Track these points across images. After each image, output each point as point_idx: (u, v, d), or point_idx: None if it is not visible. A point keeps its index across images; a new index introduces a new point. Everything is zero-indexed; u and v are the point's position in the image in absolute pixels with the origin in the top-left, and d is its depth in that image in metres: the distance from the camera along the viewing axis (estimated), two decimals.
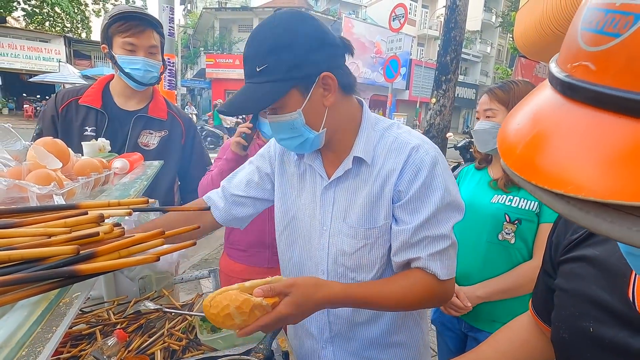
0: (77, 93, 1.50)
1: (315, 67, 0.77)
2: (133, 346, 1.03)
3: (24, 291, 0.26)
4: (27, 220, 0.33)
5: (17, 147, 0.80)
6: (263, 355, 0.93)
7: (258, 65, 0.76)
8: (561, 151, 0.25)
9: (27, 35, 20.10)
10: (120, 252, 0.32)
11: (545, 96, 0.30)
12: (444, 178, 0.85)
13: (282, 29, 0.76)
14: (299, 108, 0.80)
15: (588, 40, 0.26)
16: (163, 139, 1.59)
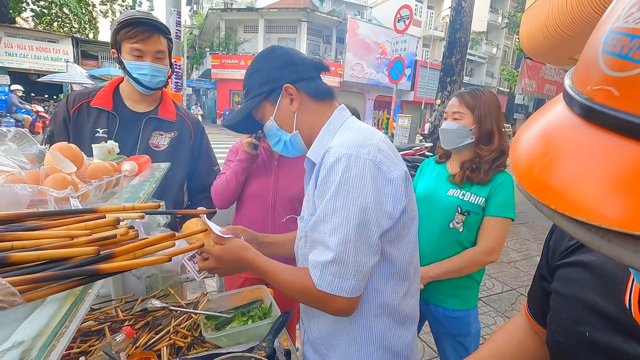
0: (88, 95, 1.53)
1: (276, 82, 0.97)
2: (140, 342, 1.07)
3: (53, 287, 0.29)
4: (52, 223, 0.37)
5: (33, 151, 0.83)
6: (265, 352, 0.96)
7: (244, 88, 1.03)
8: (583, 177, 0.24)
9: (35, 36, 20.33)
10: (135, 252, 0.35)
11: (561, 115, 0.29)
12: (339, 183, 0.83)
13: (255, 60, 1.02)
14: (271, 115, 1.00)
15: (612, 65, 0.25)
16: (173, 140, 1.62)
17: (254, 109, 1.00)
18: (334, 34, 24.87)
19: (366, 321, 0.94)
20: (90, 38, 23.88)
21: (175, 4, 2.75)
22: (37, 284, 0.28)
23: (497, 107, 1.50)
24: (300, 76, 0.98)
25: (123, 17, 1.45)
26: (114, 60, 1.51)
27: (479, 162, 1.48)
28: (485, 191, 1.47)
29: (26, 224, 0.37)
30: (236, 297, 1.42)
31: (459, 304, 1.57)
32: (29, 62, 19.74)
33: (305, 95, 0.98)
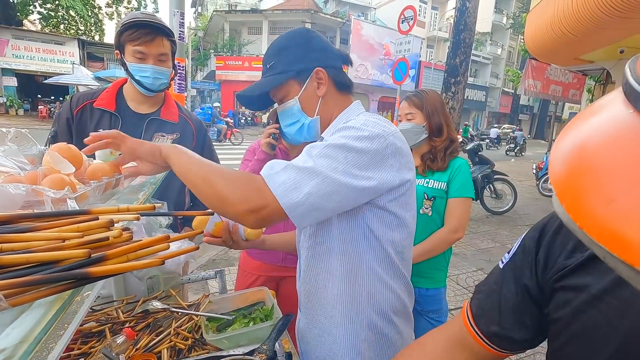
0: (92, 96, 1.54)
1: (309, 63, 0.96)
2: (141, 344, 1.06)
3: (40, 291, 0.28)
4: (43, 225, 0.36)
5: (33, 152, 0.83)
6: (266, 355, 0.95)
7: (268, 63, 0.99)
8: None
9: (42, 38, 20.55)
10: (128, 255, 0.34)
11: (624, 123, 0.22)
12: (348, 136, 0.81)
13: (286, 37, 1.00)
14: (297, 96, 0.97)
15: None
16: (175, 141, 1.62)
17: (277, 86, 0.97)
18: (338, 35, 24.88)
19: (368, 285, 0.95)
20: (96, 40, 24.08)
21: (179, 5, 2.76)
22: (24, 287, 0.27)
23: (441, 103, 1.73)
24: (331, 63, 0.99)
25: (126, 19, 1.45)
26: (118, 61, 1.51)
27: (435, 152, 1.69)
28: (445, 176, 1.67)
29: (18, 226, 0.37)
30: (238, 299, 1.41)
31: (432, 283, 1.74)
32: (36, 64, 19.95)
33: (332, 83, 0.99)
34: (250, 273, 1.82)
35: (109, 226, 0.37)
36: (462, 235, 1.67)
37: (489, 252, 4.71)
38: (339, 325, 0.98)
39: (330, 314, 0.99)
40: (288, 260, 1.77)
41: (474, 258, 4.55)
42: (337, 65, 1.01)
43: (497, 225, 6.06)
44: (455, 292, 3.62)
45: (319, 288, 1.01)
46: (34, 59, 19.95)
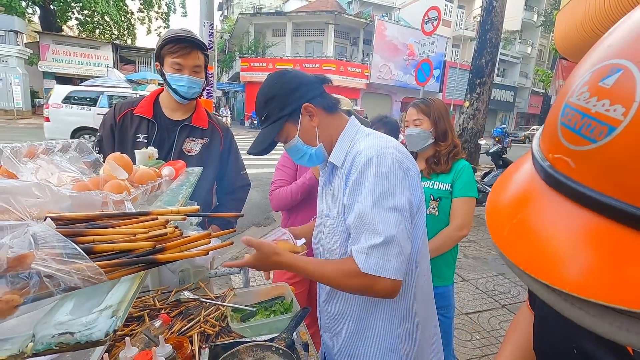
0: (132, 104, 1.71)
1: (295, 103, 1.06)
2: (175, 329, 1.19)
3: (125, 270, 0.39)
4: (119, 222, 0.47)
5: (90, 159, 0.97)
6: (285, 342, 1.06)
7: (261, 115, 1.10)
8: (546, 241, 0.26)
9: (79, 43, 21.71)
10: (181, 247, 0.45)
11: (529, 176, 0.31)
12: (374, 177, 0.95)
13: (267, 89, 1.08)
14: (296, 135, 1.08)
15: (567, 138, 0.27)
16: (204, 145, 1.77)
17: (277, 134, 1.08)
18: (361, 36, 24.83)
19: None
20: (128, 44, 25.14)
21: (209, 16, 2.93)
22: (115, 267, 0.38)
23: (446, 110, 1.84)
24: (314, 94, 1.08)
25: (167, 35, 1.61)
26: (157, 72, 1.67)
27: (439, 156, 1.79)
28: (450, 178, 1.76)
29: (100, 223, 0.48)
30: (260, 293, 1.52)
31: (441, 281, 1.81)
32: (74, 68, 21.09)
33: (321, 110, 1.09)
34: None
35: (165, 224, 0.48)
36: (467, 233, 1.75)
37: None
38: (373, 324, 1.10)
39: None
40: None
41: (495, 263, 4.50)
42: (318, 93, 1.10)
43: None
44: (474, 295, 3.60)
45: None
46: (72, 62, 21.11)
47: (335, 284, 1.02)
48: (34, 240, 0.35)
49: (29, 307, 0.32)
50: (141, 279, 0.39)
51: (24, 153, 0.72)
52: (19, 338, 0.28)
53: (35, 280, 0.33)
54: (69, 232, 0.39)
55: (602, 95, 0.25)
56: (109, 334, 0.31)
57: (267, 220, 5.78)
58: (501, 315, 3.23)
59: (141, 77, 19.68)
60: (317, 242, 1.25)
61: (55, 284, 0.34)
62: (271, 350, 1.04)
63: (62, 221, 0.42)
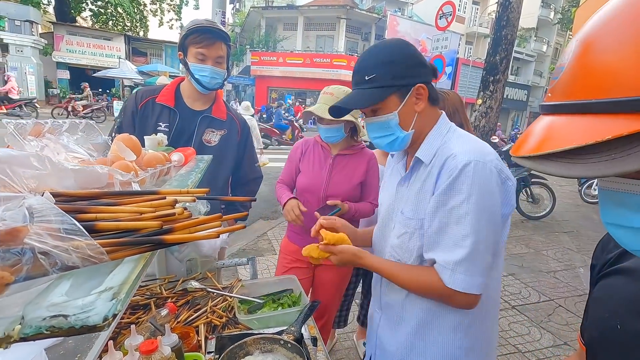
0: (154, 92, 1.70)
1: (412, 79, 0.97)
2: (181, 318, 1.17)
3: (129, 250, 0.36)
4: (124, 201, 0.44)
5: (99, 141, 0.94)
6: (294, 336, 1.02)
7: (367, 74, 0.97)
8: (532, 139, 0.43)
9: (93, 34, 21.89)
10: (190, 229, 0.41)
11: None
12: (470, 185, 0.88)
13: (389, 49, 0.98)
14: (396, 110, 0.98)
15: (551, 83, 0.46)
16: (223, 137, 1.76)
17: (380, 101, 0.97)
18: (373, 31, 24.58)
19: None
20: (140, 36, 25.27)
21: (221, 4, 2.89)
22: (118, 247, 0.35)
23: (461, 103, 1.78)
24: (428, 78, 1.01)
25: (192, 25, 1.59)
26: (180, 61, 1.65)
27: None
28: None
29: (104, 201, 0.45)
30: (268, 285, 1.50)
31: None
32: (87, 59, 21.30)
33: (427, 98, 1.00)
34: (289, 256, 1.95)
35: (173, 205, 0.44)
36: None
37: (521, 258, 4.55)
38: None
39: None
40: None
41: (505, 263, 4.41)
42: (430, 80, 1.02)
43: (532, 231, 5.82)
44: None
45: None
46: (85, 53, 21.31)
47: (414, 291, 1.00)
48: (29, 214, 0.32)
49: (21, 286, 0.29)
50: (146, 260, 0.36)
51: (28, 131, 0.69)
52: (5, 320, 0.24)
53: (28, 257, 0.30)
54: (69, 209, 0.36)
55: (565, 54, 0.44)
56: (108, 319, 0.27)
57: (275, 213, 5.77)
58: (511, 317, 3.17)
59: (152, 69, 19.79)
60: (382, 237, 1.17)
61: (51, 262, 0.30)
62: (279, 344, 1.01)
63: (62, 197, 0.39)
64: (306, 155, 1.89)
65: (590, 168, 0.37)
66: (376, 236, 1.21)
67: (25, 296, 0.28)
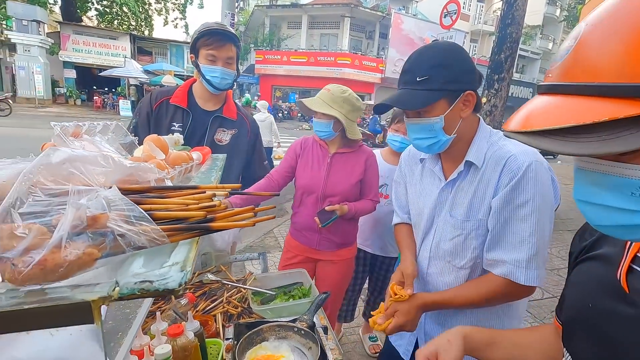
0: (168, 93, 1.77)
1: (463, 85, 0.99)
2: (199, 308, 1.24)
3: (183, 235, 0.42)
4: (170, 194, 0.50)
5: (126, 141, 1.01)
6: (307, 324, 1.09)
7: (419, 76, 0.97)
8: (528, 114, 0.47)
9: (98, 33, 22.04)
10: (228, 218, 0.48)
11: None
12: (534, 185, 0.94)
13: (444, 53, 0.99)
14: (443, 114, 0.99)
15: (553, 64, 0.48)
16: (234, 136, 1.82)
17: (432, 104, 0.98)
18: (377, 30, 24.55)
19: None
20: (145, 35, 25.41)
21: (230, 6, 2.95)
22: (174, 232, 0.42)
23: None
24: (477, 85, 1.03)
25: (202, 28, 1.66)
26: (192, 63, 1.72)
27: None
28: None
29: (153, 194, 0.51)
30: (279, 278, 1.57)
31: None
32: (93, 58, 21.45)
33: (473, 105, 1.03)
34: (292, 252, 2.01)
35: (212, 198, 0.51)
36: None
37: None
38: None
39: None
40: (322, 244, 1.91)
41: None
42: (477, 87, 1.04)
43: None
44: None
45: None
46: (91, 52, 21.46)
47: (482, 305, 1.05)
48: (106, 203, 0.39)
49: (105, 261, 0.36)
50: (197, 243, 0.42)
51: (70, 132, 0.76)
52: (105, 284, 0.31)
53: (110, 238, 0.37)
54: (131, 200, 0.43)
55: (572, 37, 0.45)
56: (182, 285, 0.34)
57: (280, 212, 5.84)
58: None
59: (157, 68, 19.93)
60: (428, 243, 1.18)
61: (126, 242, 0.37)
62: (293, 331, 1.08)
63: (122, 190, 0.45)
64: (304, 154, 1.93)
65: (582, 147, 0.40)
66: (424, 246, 1.20)
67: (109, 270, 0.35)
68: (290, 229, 2.07)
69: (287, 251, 2.05)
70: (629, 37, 0.39)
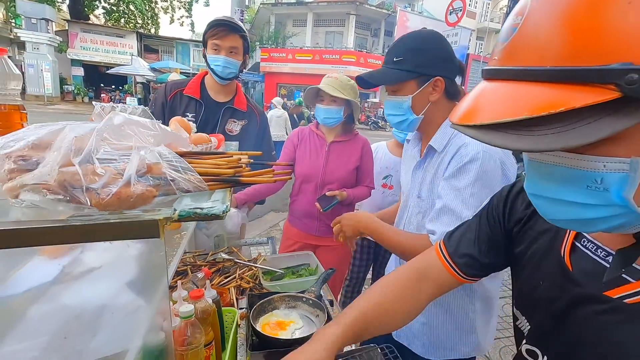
0: (181, 85, 1.87)
1: (434, 70, 1.08)
2: (214, 282, 1.34)
3: (218, 185, 0.51)
4: (204, 157, 0.60)
5: None
6: (314, 295, 1.18)
7: (396, 56, 1.09)
8: (475, 106, 0.43)
9: (106, 31, 22.29)
10: (250, 177, 0.57)
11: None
12: (475, 173, 1.01)
13: (421, 40, 1.10)
14: (411, 95, 1.10)
15: (498, 46, 0.44)
16: (244, 127, 1.92)
17: (401, 82, 1.09)
18: (382, 27, 24.54)
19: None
20: (152, 33, 25.62)
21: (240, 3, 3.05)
22: (212, 182, 0.51)
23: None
24: (451, 74, 1.12)
25: (210, 21, 1.74)
26: (203, 57, 1.81)
27: None
28: None
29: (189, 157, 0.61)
30: (287, 260, 1.66)
31: None
32: (100, 56, 21.72)
33: (444, 91, 1.11)
34: (291, 239, 2.09)
35: (238, 161, 0.60)
36: None
37: None
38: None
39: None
40: (321, 231, 2.00)
41: None
42: (453, 77, 1.12)
43: None
44: None
45: None
46: (98, 50, 21.73)
47: (401, 255, 1.16)
48: (159, 156, 0.48)
49: (161, 199, 0.45)
50: (230, 192, 0.51)
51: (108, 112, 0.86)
52: (168, 209, 0.40)
53: (164, 182, 0.46)
54: None
55: (517, 13, 0.41)
56: (225, 212, 0.43)
57: (285, 206, 5.93)
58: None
59: (164, 66, 20.11)
60: (400, 219, 1.31)
61: (177, 186, 0.46)
62: (302, 301, 1.17)
63: None
64: (302, 144, 2.00)
65: (538, 141, 0.35)
66: (398, 219, 1.34)
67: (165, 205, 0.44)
68: (289, 217, 2.14)
69: (287, 239, 2.12)
70: (582, 11, 0.34)
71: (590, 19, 0.34)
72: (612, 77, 0.33)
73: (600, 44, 0.33)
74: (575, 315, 0.54)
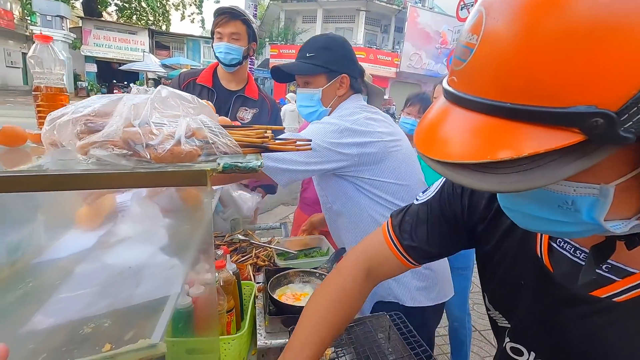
0: (194, 74, 1.95)
1: (340, 67, 1.24)
2: (233, 259, 1.42)
3: (250, 150, 0.59)
4: (236, 130, 0.67)
5: None
6: (327, 270, 1.26)
7: (309, 52, 1.25)
8: (440, 136, 0.39)
9: (118, 28, 22.63)
10: (278, 146, 0.64)
11: (440, 101, 0.43)
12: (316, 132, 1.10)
13: (332, 41, 1.27)
14: (321, 87, 1.25)
15: (455, 64, 0.39)
16: (255, 115, 1.98)
17: (312, 75, 1.25)
18: (393, 23, 24.40)
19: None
20: (163, 30, 25.93)
21: None
22: (245, 147, 0.58)
23: None
24: (355, 73, 1.29)
25: (214, 10, 1.83)
26: (212, 47, 1.89)
27: None
28: None
29: None
30: (299, 243, 1.74)
31: None
32: (113, 52, 22.07)
33: (350, 86, 1.28)
34: (301, 226, 2.16)
35: (264, 133, 0.68)
36: None
37: None
38: None
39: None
40: None
41: None
42: (356, 76, 1.29)
43: None
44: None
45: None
46: (111, 47, 22.08)
47: None
48: (202, 123, 0.56)
49: (204, 158, 0.53)
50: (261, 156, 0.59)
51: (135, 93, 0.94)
52: (212, 162, 0.48)
53: (206, 144, 0.54)
54: None
55: (472, 30, 0.37)
56: (260, 166, 0.50)
57: (295, 200, 6.03)
58: None
59: (175, 62, 20.37)
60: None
61: (216, 148, 0.54)
62: (315, 276, 1.25)
63: None
64: None
65: (504, 180, 0.34)
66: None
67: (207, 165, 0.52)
68: (300, 204, 2.21)
69: (298, 226, 2.17)
70: (542, 47, 0.31)
71: (551, 57, 0.31)
72: (576, 121, 0.31)
73: (562, 84, 0.31)
74: (564, 316, 0.54)
